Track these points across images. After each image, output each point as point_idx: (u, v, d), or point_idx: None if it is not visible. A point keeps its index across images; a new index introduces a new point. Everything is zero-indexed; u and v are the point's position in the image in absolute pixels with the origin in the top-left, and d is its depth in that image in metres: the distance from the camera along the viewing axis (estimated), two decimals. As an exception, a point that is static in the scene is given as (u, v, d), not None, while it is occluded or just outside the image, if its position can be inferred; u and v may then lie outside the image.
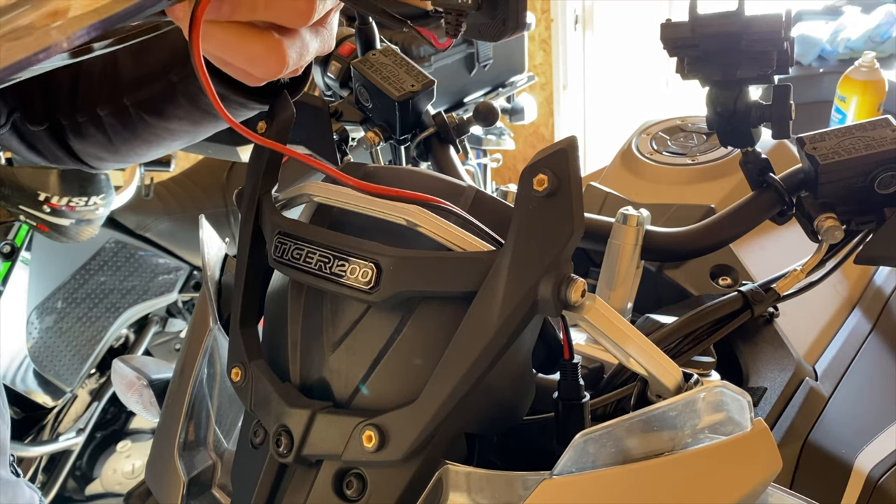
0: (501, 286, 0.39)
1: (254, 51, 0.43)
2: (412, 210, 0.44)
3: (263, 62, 0.44)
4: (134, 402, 0.93)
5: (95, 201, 1.66)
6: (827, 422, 0.67)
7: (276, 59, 0.44)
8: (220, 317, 0.61)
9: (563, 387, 0.47)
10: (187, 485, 0.60)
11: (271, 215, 0.49)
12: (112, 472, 2.01)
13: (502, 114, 2.24)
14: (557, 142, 0.38)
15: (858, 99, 1.59)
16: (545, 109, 3.44)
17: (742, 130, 0.66)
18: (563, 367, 0.47)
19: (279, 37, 0.44)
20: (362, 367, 0.44)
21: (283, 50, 0.44)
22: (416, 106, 0.80)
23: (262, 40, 0.43)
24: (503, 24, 0.43)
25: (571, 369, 0.47)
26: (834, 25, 2.30)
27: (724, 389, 0.42)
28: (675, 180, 0.93)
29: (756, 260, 0.81)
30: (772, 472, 0.44)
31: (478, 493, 0.42)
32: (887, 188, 0.62)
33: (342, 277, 0.43)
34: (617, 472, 0.40)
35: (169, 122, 0.66)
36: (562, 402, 0.47)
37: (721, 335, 0.67)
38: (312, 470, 0.44)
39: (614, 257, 0.70)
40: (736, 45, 0.61)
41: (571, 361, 0.47)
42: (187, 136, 0.69)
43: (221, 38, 0.43)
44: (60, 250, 1.90)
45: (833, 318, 0.81)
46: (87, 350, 1.95)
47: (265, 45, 0.43)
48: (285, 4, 0.43)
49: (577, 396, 0.47)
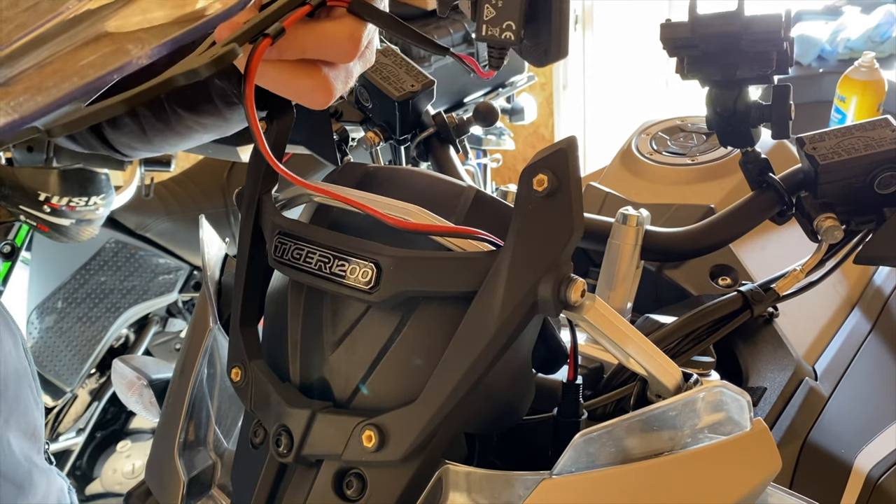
0: (501, 286, 0.39)
1: (302, 86, 0.45)
2: (412, 210, 0.44)
3: (311, 96, 0.46)
4: (134, 402, 0.93)
5: (96, 201, 1.66)
6: (826, 422, 0.67)
7: (324, 93, 0.46)
8: (220, 317, 0.61)
9: (563, 405, 0.48)
10: (187, 485, 0.60)
11: (271, 215, 0.49)
12: (112, 472, 2.01)
13: (502, 114, 2.24)
14: (557, 142, 0.38)
15: (858, 99, 1.59)
16: (545, 109, 3.44)
17: (742, 130, 0.66)
18: (566, 387, 0.48)
19: (326, 72, 0.45)
20: (362, 366, 0.44)
21: (329, 84, 0.46)
22: (416, 106, 0.80)
23: (310, 76, 0.45)
24: (545, 54, 0.45)
25: (574, 390, 0.48)
26: (834, 25, 2.30)
27: (724, 389, 0.42)
28: (675, 180, 0.93)
29: (756, 260, 0.81)
30: (771, 472, 0.44)
31: (478, 492, 0.42)
32: (887, 188, 0.62)
33: (342, 277, 0.43)
34: (617, 472, 0.40)
35: (201, 116, 0.68)
36: (560, 420, 0.48)
37: (721, 335, 0.67)
38: (312, 470, 0.44)
39: (614, 257, 0.70)
40: (736, 46, 0.61)
41: (574, 382, 0.48)
42: (218, 130, 0.71)
43: (272, 75, 0.45)
44: (60, 250, 1.90)
45: (833, 318, 0.81)
46: (87, 350, 1.95)
47: (313, 81, 0.45)
48: (332, 46, 0.45)
49: (576, 415, 0.49)
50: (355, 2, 0.45)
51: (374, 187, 0.49)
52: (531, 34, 0.44)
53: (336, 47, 0.45)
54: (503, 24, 0.43)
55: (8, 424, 0.70)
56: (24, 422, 0.73)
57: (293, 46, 0.44)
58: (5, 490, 0.70)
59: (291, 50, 0.44)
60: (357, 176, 0.51)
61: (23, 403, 0.73)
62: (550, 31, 0.44)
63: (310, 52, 0.45)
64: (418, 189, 0.49)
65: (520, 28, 0.43)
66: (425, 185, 0.50)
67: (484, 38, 0.44)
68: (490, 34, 0.44)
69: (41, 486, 0.74)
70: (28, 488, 0.72)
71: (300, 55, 0.45)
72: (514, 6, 0.43)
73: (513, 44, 0.44)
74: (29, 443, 0.73)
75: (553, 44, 0.44)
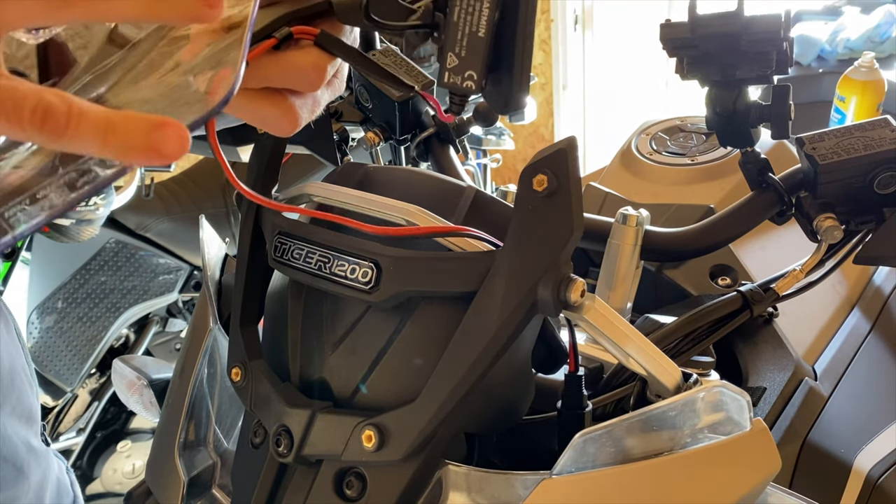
0: (501, 286, 0.39)
1: (267, 114, 0.44)
2: (412, 210, 0.44)
3: (276, 124, 0.45)
4: (134, 402, 0.93)
5: (96, 201, 1.66)
6: (826, 421, 0.67)
7: (289, 121, 0.45)
8: (220, 317, 0.61)
9: (566, 397, 0.48)
10: (187, 485, 0.60)
11: (271, 215, 0.49)
12: (112, 472, 2.01)
13: (502, 114, 2.24)
14: (557, 142, 0.38)
15: (858, 99, 1.59)
16: (545, 109, 3.44)
17: (741, 130, 0.66)
18: (568, 379, 0.48)
19: (292, 100, 0.45)
20: (362, 366, 0.44)
21: (295, 113, 0.45)
22: (416, 106, 0.81)
23: (275, 104, 0.44)
24: (505, 104, 0.45)
25: (576, 381, 0.48)
26: (833, 26, 2.30)
27: (724, 389, 0.42)
28: (675, 180, 0.93)
29: (755, 260, 0.81)
30: (771, 472, 0.44)
31: (477, 492, 0.43)
32: (886, 188, 0.62)
33: (342, 277, 0.43)
34: (616, 472, 0.40)
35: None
36: (564, 412, 0.48)
37: (720, 335, 0.67)
38: (312, 470, 0.44)
39: (614, 257, 0.70)
40: (735, 46, 0.61)
41: (576, 374, 0.48)
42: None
43: (236, 102, 0.44)
44: (61, 250, 1.90)
45: (832, 318, 0.81)
46: (87, 350, 1.95)
47: (278, 109, 0.44)
48: (296, 76, 0.44)
49: (580, 406, 0.48)
50: (322, 35, 0.45)
51: (373, 187, 0.49)
52: (493, 81, 0.45)
53: (301, 77, 0.44)
54: (465, 73, 0.44)
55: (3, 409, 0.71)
56: (19, 405, 0.73)
57: (257, 76, 0.43)
58: (5, 473, 0.70)
59: (255, 79, 0.43)
60: (357, 176, 0.51)
61: (17, 387, 0.74)
62: (511, 81, 0.44)
63: (274, 81, 0.44)
64: (418, 189, 0.49)
65: (481, 78, 0.44)
66: (425, 186, 0.50)
67: (446, 86, 0.45)
68: (452, 82, 0.44)
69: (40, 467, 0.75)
70: (27, 470, 0.73)
71: (264, 83, 0.44)
72: (476, 56, 0.43)
73: (473, 92, 0.44)
74: (25, 425, 0.74)
75: (513, 94, 0.44)
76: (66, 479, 0.82)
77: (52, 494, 0.77)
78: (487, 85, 0.44)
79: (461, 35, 0.43)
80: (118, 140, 0.29)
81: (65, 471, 0.82)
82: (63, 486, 0.80)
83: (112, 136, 0.29)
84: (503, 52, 0.44)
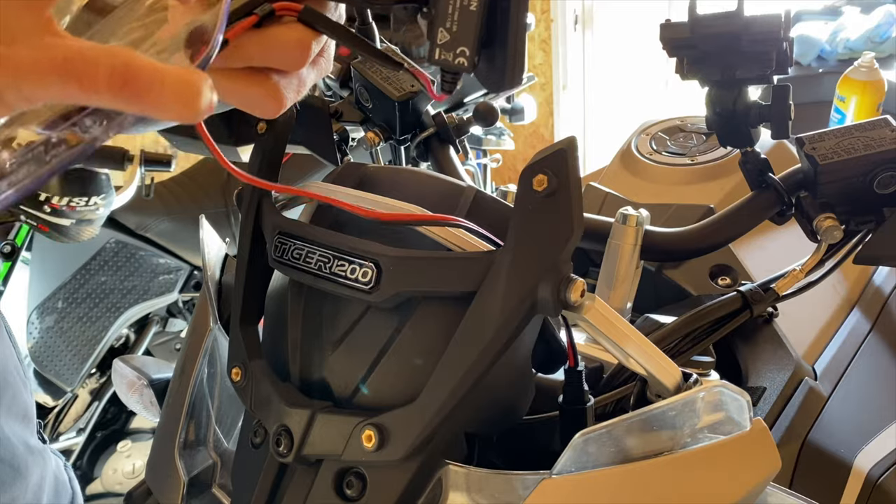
0: (501, 286, 0.39)
1: (251, 95, 0.43)
2: (412, 210, 0.44)
3: (260, 105, 0.43)
4: (134, 402, 0.93)
5: (96, 201, 1.66)
6: (826, 421, 0.67)
7: (274, 101, 0.43)
8: (220, 317, 0.61)
9: (567, 392, 0.48)
10: (187, 484, 0.60)
11: (271, 215, 0.49)
12: (112, 472, 2.01)
13: (502, 114, 2.24)
14: (557, 142, 0.38)
15: (858, 99, 1.59)
16: (545, 110, 3.44)
17: (741, 131, 0.66)
18: (568, 374, 0.48)
19: (276, 80, 0.43)
20: (362, 366, 0.44)
21: (279, 93, 0.43)
22: (416, 106, 0.81)
23: (259, 84, 0.43)
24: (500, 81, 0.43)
25: (576, 376, 0.48)
26: (833, 26, 2.30)
27: (724, 389, 0.42)
28: (675, 180, 0.93)
29: (755, 260, 0.81)
30: (771, 472, 0.44)
31: (478, 492, 0.43)
32: (886, 188, 0.62)
33: (342, 277, 0.43)
34: (616, 472, 0.41)
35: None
36: (566, 408, 0.48)
37: (720, 335, 0.67)
38: (312, 470, 0.44)
39: (614, 257, 0.70)
40: (735, 46, 0.61)
41: (576, 369, 0.48)
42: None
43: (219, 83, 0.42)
44: (61, 250, 1.90)
45: (832, 318, 0.81)
46: (87, 350, 1.95)
47: (262, 89, 0.43)
48: (279, 53, 0.43)
49: (582, 401, 0.48)
50: (305, 11, 0.43)
51: (373, 187, 0.49)
52: (487, 59, 0.42)
53: (284, 54, 0.43)
54: (457, 49, 0.42)
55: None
56: (14, 405, 0.73)
57: (238, 55, 0.42)
58: (2, 473, 0.70)
59: (237, 58, 0.42)
60: (357, 176, 0.51)
61: (11, 387, 0.73)
62: (506, 58, 0.42)
63: (256, 59, 0.42)
64: (418, 189, 0.49)
65: (473, 54, 0.41)
66: (425, 186, 0.50)
67: (437, 62, 0.42)
68: (443, 58, 0.42)
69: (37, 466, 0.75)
70: (25, 470, 0.73)
71: (246, 63, 0.42)
72: (468, 31, 0.41)
73: (466, 69, 0.42)
74: (21, 425, 0.74)
75: (507, 72, 0.42)
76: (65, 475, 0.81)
77: (50, 492, 0.77)
78: (480, 62, 0.42)
79: (452, 9, 0.41)
80: (187, 98, 0.28)
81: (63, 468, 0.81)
82: (61, 484, 0.80)
83: (193, 97, 0.29)
84: (497, 26, 0.42)
